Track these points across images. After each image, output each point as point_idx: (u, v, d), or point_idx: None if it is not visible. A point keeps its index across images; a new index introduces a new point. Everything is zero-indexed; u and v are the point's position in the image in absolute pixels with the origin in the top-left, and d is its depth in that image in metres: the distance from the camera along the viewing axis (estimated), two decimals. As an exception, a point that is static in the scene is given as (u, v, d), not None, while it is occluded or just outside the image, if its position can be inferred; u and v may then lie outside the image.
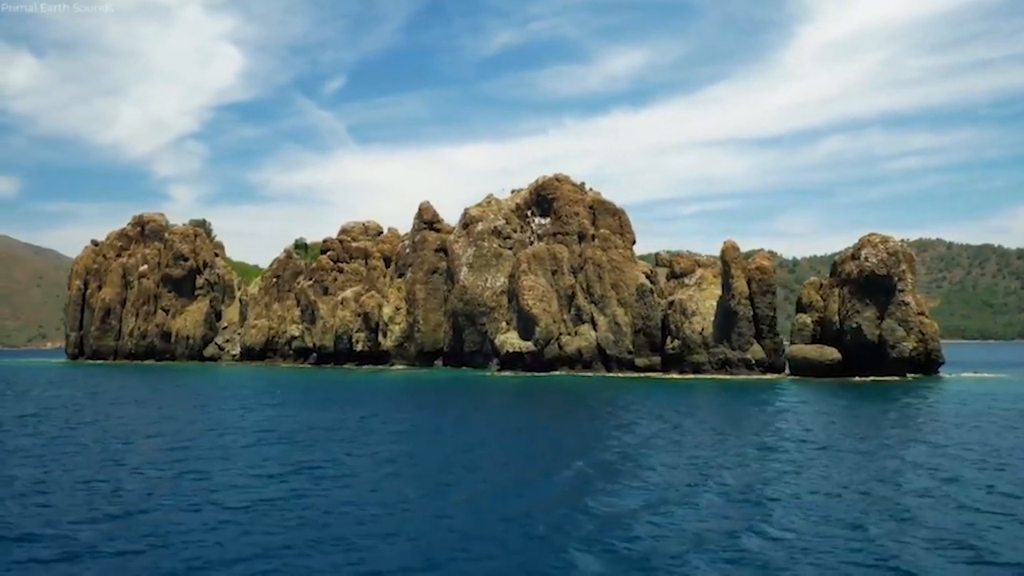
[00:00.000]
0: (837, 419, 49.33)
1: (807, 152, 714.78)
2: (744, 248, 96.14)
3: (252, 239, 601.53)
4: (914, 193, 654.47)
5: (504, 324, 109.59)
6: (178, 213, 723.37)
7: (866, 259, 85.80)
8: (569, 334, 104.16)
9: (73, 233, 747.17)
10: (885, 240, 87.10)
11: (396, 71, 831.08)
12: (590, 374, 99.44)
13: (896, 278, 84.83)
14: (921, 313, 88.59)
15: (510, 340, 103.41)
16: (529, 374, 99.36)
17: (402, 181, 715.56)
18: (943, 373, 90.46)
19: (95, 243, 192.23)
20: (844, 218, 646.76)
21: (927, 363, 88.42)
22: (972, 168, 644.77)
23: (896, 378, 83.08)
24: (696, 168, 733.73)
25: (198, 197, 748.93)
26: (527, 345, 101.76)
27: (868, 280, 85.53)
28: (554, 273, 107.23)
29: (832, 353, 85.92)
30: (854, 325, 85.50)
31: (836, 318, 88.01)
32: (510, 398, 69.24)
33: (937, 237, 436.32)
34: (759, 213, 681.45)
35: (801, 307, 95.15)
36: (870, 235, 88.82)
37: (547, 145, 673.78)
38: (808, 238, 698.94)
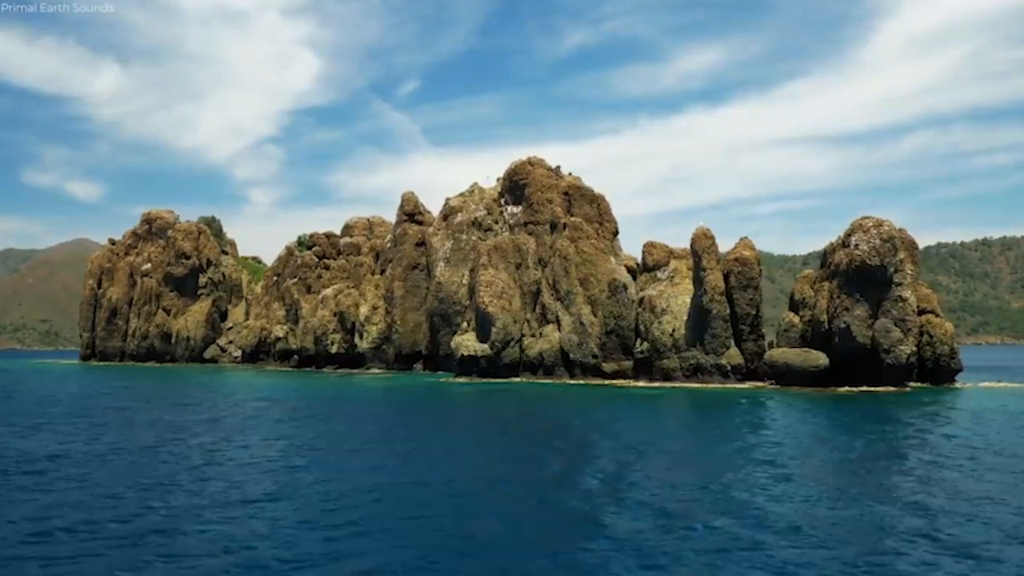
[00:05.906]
0: (787, 458, 32.43)
1: (890, 149, 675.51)
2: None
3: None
4: (1001, 189, 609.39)
5: (465, 324, 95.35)
6: (256, 216, 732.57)
7: (856, 247, 67.46)
8: (533, 335, 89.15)
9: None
10: (879, 224, 68.25)
11: (470, 73, 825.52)
12: (551, 381, 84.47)
13: (892, 269, 66.71)
14: (929, 311, 71.10)
15: (465, 342, 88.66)
16: (486, 381, 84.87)
17: (476, 183, 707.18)
18: (959, 382, 73.01)
19: (112, 242, 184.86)
20: (928, 216, 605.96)
21: (936, 370, 70.96)
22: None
23: (893, 389, 66.07)
24: (774, 167, 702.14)
25: (275, 200, 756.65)
26: (483, 348, 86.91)
27: (859, 272, 67.38)
28: (518, 267, 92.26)
29: (818, 358, 68.99)
30: (843, 325, 68.09)
31: (825, 317, 70.99)
32: (421, 421, 55.03)
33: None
34: (839, 212, 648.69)
35: (793, 304, 78.54)
36: (863, 219, 70.11)
37: (621, 145, 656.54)
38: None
